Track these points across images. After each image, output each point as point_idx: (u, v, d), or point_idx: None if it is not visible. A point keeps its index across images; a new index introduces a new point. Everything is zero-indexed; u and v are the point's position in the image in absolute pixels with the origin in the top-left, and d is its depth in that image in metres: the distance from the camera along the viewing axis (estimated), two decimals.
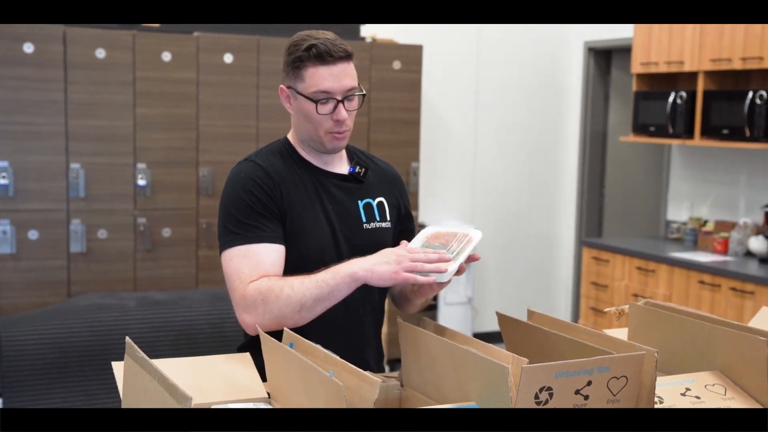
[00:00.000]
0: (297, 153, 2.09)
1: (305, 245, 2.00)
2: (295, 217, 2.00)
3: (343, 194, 2.09)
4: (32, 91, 4.56)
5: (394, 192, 2.21)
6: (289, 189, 2.02)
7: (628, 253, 5.24)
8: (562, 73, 6.58)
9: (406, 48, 5.46)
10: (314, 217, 2.02)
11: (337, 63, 1.96)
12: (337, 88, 1.97)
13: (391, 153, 5.41)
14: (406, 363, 1.71)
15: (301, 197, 2.03)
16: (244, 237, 1.94)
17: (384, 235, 2.13)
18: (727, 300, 4.56)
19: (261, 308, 1.86)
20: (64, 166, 4.65)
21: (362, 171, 2.12)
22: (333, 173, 2.10)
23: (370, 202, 2.13)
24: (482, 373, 1.46)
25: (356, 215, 2.10)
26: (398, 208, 2.21)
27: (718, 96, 4.92)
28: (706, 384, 1.68)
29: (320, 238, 2.02)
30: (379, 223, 2.13)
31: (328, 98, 1.97)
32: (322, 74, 1.95)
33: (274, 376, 1.59)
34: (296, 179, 2.04)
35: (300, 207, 2.01)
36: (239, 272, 1.91)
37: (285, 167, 2.05)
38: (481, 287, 6.42)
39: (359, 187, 2.13)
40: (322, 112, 1.98)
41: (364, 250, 2.02)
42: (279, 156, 2.07)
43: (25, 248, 4.60)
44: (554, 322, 1.77)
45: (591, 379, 1.46)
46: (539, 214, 6.66)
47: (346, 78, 1.97)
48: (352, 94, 2.00)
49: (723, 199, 5.42)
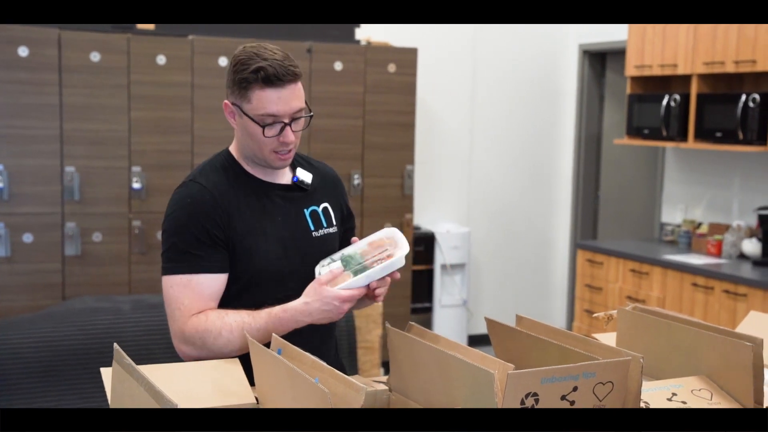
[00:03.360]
0: (240, 167, 2.07)
1: (258, 262, 2.00)
2: (244, 237, 1.99)
3: (288, 204, 2.09)
4: (27, 94, 4.56)
5: (336, 194, 2.22)
6: (236, 210, 2.00)
7: (622, 255, 5.25)
8: (557, 75, 6.60)
9: (401, 51, 5.47)
10: (261, 235, 2.01)
11: (285, 86, 1.93)
12: (285, 111, 1.95)
13: (386, 156, 5.43)
14: (393, 368, 1.72)
15: (248, 216, 2.01)
16: (188, 266, 1.94)
17: (332, 241, 2.14)
18: (720, 302, 4.57)
19: (199, 345, 1.90)
20: (59, 169, 4.66)
21: (306, 180, 2.13)
22: (276, 184, 2.09)
23: (316, 210, 2.14)
24: (468, 378, 1.47)
25: (304, 224, 2.10)
26: (341, 210, 2.22)
27: (712, 99, 4.94)
28: (693, 389, 1.69)
29: (272, 253, 2.01)
30: (327, 229, 2.14)
31: (274, 122, 1.95)
32: (270, 98, 1.92)
33: (262, 381, 1.60)
34: (241, 197, 2.02)
35: (248, 226, 2.00)
36: (179, 303, 1.93)
37: (229, 184, 2.03)
38: (476, 290, 6.44)
39: (303, 195, 2.13)
40: (269, 135, 1.96)
41: (315, 257, 2.06)
42: (222, 172, 2.04)
43: (19, 251, 4.61)
44: (542, 328, 1.78)
45: (577, 385, 1.47)
46: (534, 216, 6.67)
47: (294, 100, 1.95)
48: (299, 116, 1.99)
49: (717, 201, 5.43)
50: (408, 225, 5.54)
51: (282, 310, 1.90)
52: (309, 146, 5.19)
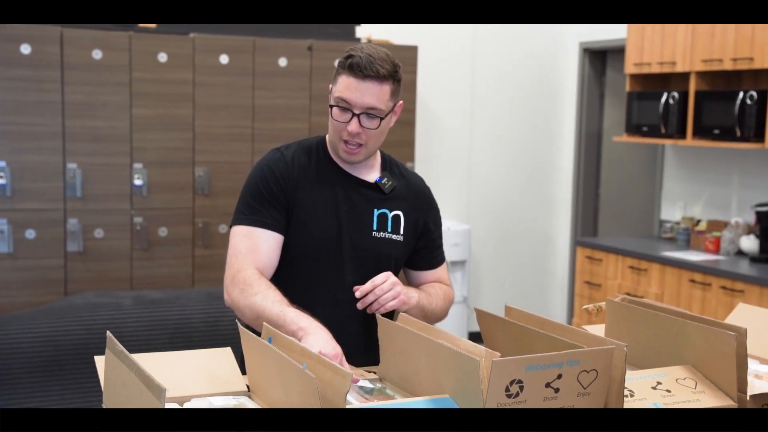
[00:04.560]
0: (327, 153, 2.21)
1: (308, 236, 2.13)
2: (303, 210, 2.13)
3: (361, 200, 2.18)
4: (29, 91, 4.60)
5: (417, 208, 2.27)
6: (305, 183, 2.14)
7: (621, 252, 5.27)
8: (557, 73, 6.62)
9: (401, 49, 5.49)
10: (322, 215, 2.14)
11: (365, 79, 2.03)
12: (356, 102, 2.05)
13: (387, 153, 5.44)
14: (383, 357, 1.76)
15: (316, 194, 2.14)
16: (250, 219, 2.12)
17: (391, 246, 2.20)
18: (717, 299, 4.59)
19: (237, 294, 2.04)
20: (61, 166, 4.69)
21: (388, 184, 2.21)
22: (357, 178, 2.19)
23: (386, 213, 2.21)
24: (455, 366, 1.49)
25: (368, 222, 2.18)
26: (417, 224, 2.26)
27: (710, 96, 4.96)
28: (678, 378, 1.72)
29: (322, 233, 2.13)
30: (390, 234, 2.20)
31: (346, 108, 2.06)
32: (348, 84, 2.05)
33: (253, 369, 1.63)
34: (317, 176, 2.16)
35: (312, 203, 2.14)
36: (237, 250, 2.10)
37: (310, 163, 2.17)
38: (476, 286, 6.46)
39: (380, 196, 2.20)
40: (336, 118, 2.08)
41: (368, 255, 2.15)
42: (308, 152, 2.20)
43: (22, 247, 4.65)
44: (531, 318, 1.81)
45: (561, 373, 1.50)
46: (535, 213, 6.69)
47: (369, 96, 2.04)
48: (373, 114, 2.06)
49: (716, 198, 5.45)
50: None
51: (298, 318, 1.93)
52: None
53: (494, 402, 1.43)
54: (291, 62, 5.15)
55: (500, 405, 1.44)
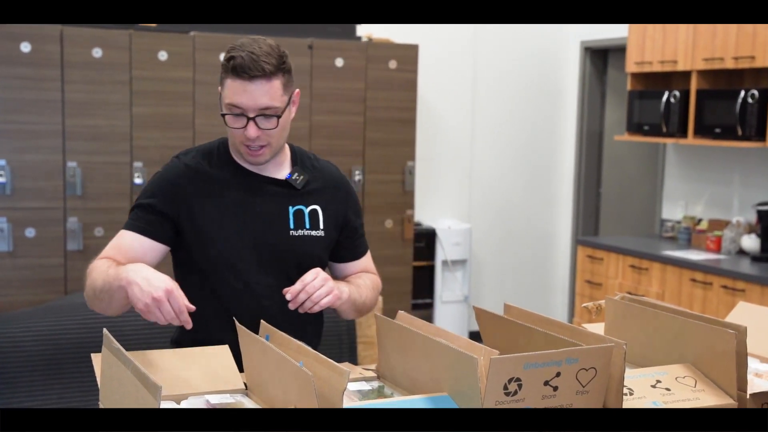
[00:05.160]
0: (229, 155, 2.08)
1: (216, 246, 2.01)
2: (205, 219, 2.01)
3: (272, 199, 2.06)
4: (29, 90, 4.60)
5: (335, 199, 2.17)
6: (205, 191, 2.02)
7: (622, 251, 5.26)
8: (559, 72, 6.61)
9: (402, 47, 5.49)
10: (230, 222, 2.01)
11: (253, 80, 1.91)
12: (249, 106, 1.93)
13: (387, 152, 5.44)
14: (381, 355, 1.75)
15: (217, 201, 2.02)
16: (127, 223, 2.04)
17: (312, 243, 2.09)
18: (718, 298, 4.58)
19: (86, 282, 1.97)
20: (61, 164, 4.69)
21: (299, 179, 2.10)
22: (265, 177, 2.08)
23: (302, 209, 2.10)
24: (453, 363, 1.49)
25: (284, 221, 2.06)
26: (337, 216, 2.17)
27: (711, 95, 4.95)
28: (677, 376, 1.71)
29: (233, 243, 2.01)
30: (309, 231, 2.09)
31: (239, 114, 1.94)
32: (236, 88, 1.92)
33: (250, 367, 1.63)
34: (219, 181, 2.04)
35: (215, 211, 2.01)
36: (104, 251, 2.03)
37: (211, 169, 2.05)
38: (477, 286, 6.45)
39: (293, 193, 2.09)
40: (232, 125, 1.96)
41: (289, 256, 2.04)
42: (208, 156, 2.08)
43: (22, 246, 4.64)
44: (530, 316, 1.80)
45: (560, 371, 1.49)
46: (536, 212, 6.69)
47: (261, 96, 1.92)
48: (268, 114, 1.95)
49: (717, 197, 5.44)
50: (409, 221, 5.56)
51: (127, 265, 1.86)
52: (310, 142, 5.21)
53: (492, 400, 1.42)
54: (291, 61, 5.13)
55: (498, 403, 1.43)
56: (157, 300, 1.73)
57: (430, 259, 5.99)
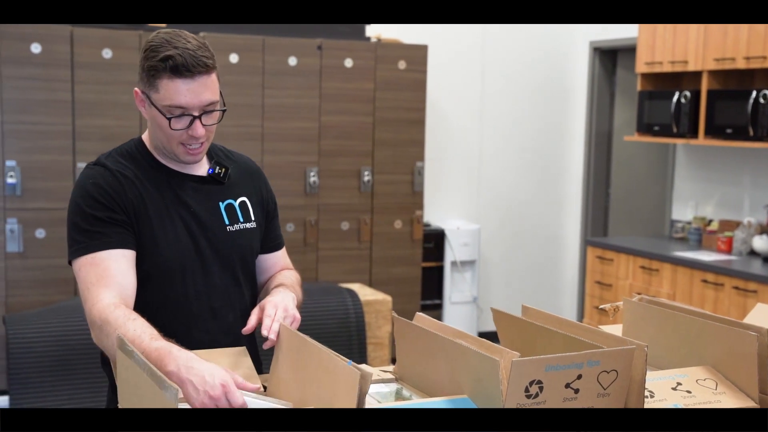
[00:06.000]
0: (151, 156, 1.98)
1: (161, 255, 1.91)
2: (149, 227, 1.91)
3: (202, 197, 1.99)
4: (39, 90, 4.60)
5: (258, 188, 2.11)
6: (143, 198, 1.92)
7: (632, 252, 5.25)
8: (568, 72, 6.59)
9: (411, 48, 5.48)
10: (170, 226, 1.93)
11: (195, 77, 1.82)
12: (194, 104, 1.84)
13: (396, 152, 5.44)
14: (400, 357, 1.74)
15: (155, 206, 1.93)
16: (89, 245, 1.86)
17: (249, 236, 2.04)
18: (730, 299, 4.56)
19: (97, 333, 1.78)
20: (70, 165, 4.69)
21: (222, 171, 2.02)
22: (190, 175, 1.99)
23: (232, 203, 2.04)
24: (474, 366, 1.48)
25: (218, 218, 2.00)
26: (263, 204, 2.12)
27: (722, 95, 4.93)
28: (698, 379, 1.70)
29: (178, 247, 1.93)
30: (243, 224, 2.03)
31: (183, 114, 1.85)
32: (178, 88, 1.82)
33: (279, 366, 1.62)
34: (151, 186, 1.94)
35: (154, 216, 1.92)
36: (87, 283, 1.83)
37: (139, 172, 1.94)
38: (486, 286, 6.44)
39: (219, 188, 2.03)
40: (176, 128, 1.86)
41: (231, 252, 1.98)
42: (131, 159, 1.96)
43: (32, 247, 4.64)
44: (548, 318, 1.79)
45: (581, 373, 1.48)
46: (545, 213, 6.67)
47: (205, 93, 1.85)
48: (211, 109, 1.89)
49: (728, 198, 5.42)
50: (418, 222, 5.55)
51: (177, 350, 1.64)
52: (319, 143, 5.21)
53: (514, 402, 1.41)
54: (301, 61, 5.14)
55: (519, 405, 1.42)
56: (214, 398, 1.54)
57: (438, 260, 5.98)
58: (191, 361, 1.58)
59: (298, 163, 5.20)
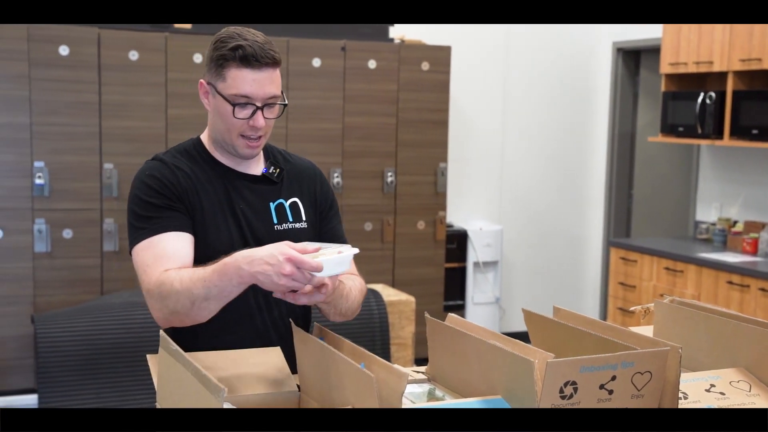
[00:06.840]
0: (208, 153, 2.04)
1: (210, 247, 1.94)
2: (201, 218, 1.96)
3: (254, 196, 2.04)
4: (67, 92, 4.65)
5: (311, 189, 2.15)
6: (197, 190, 1.97)
7: (656, 253, 5.23)
8: (591, 73, 6.57)
9: (434, 49, 5.49)
10: (221, 219, 1.98)
11: (262, 69, 1.90)
12: (259, 95, 1.91)
13: (419, 153, 5.45)
14: (433, 358, 1.75)
15: (208, 200, 1.98)
16: (147, 230, 1.90)
17: (298, 236, 2.03)
18: (756, 300, 4.54)
19: (160, 303, 1.81)
20: (97, 166, 4.74)
21: (276, 172, 2.07)
22: (245, 174, 2.05)
23: (283, 203, 2.07)
24: (508, 367, 1.48)
25: (267, 217, 2.04)
26: (315, 205, 2.15)
27: (748, 96, 4.90)
28: (731, 380, 1.69)
29: (227, 240, 1.96)
30: (293, 224, 2.07)
31: (247, 103, 1.91)
32: (245, 78, 1.90)
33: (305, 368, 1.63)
34: (205, 181, 1.99)
35: (206, 210, 1.97)
36: (144, 265, 1.87)
37: (194, 167, 2.00)
38: (508, 287, 6.44)
39: (272, 188, 2.07)
40: (239, 117, 1.92)
41: None
42: (188, 156, 2.02)
43: (59, 247, 4.69)
44: (579, 319, 1.79)
45: (615, 374, 1.48)
46: (567, 214, 6.66)
47: (269, 85, 1.92)
48: (273, 103, 1.95)
49: (753, 199, 5.39)
50: (441, 223, 5.56)
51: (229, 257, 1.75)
52: (343, 144, 5.23)
53: (548, 403, 1.42)
54: (324, 62, 5.16)
55: (554, 406, 1.42)
56: (290, 275, 1.63)
57: (461, 261, 5.98)
58: (247, 257, 1.69)
59: (321, 164, 5.13)
